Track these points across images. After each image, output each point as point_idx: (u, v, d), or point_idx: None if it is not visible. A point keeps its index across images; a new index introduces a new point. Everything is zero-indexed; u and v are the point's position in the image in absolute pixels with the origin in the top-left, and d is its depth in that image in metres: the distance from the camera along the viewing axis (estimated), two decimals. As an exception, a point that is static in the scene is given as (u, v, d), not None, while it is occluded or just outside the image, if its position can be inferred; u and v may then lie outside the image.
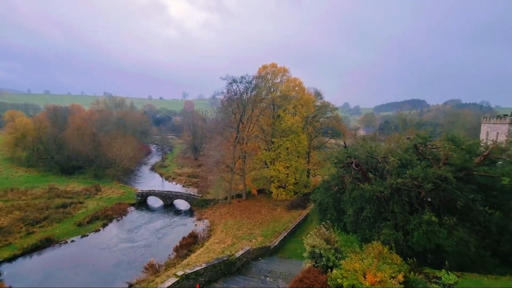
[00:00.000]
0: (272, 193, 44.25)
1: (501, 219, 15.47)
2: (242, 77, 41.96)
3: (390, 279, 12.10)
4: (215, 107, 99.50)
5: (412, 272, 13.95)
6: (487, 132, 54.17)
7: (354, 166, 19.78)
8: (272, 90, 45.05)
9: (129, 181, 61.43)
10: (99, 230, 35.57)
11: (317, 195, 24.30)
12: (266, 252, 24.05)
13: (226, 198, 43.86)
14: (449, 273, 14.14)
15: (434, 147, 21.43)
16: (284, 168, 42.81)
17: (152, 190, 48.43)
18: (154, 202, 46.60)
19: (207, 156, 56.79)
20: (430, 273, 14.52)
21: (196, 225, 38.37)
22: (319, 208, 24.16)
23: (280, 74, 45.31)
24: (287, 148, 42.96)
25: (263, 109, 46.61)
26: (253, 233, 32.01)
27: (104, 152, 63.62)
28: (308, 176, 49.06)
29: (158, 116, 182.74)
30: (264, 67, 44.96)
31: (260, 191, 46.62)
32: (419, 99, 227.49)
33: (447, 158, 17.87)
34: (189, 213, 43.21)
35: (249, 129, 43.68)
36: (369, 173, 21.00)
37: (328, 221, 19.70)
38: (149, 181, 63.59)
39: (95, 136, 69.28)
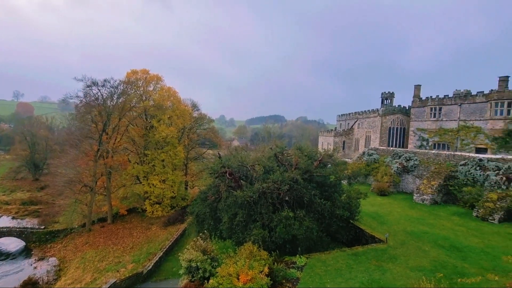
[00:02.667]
0: (147, 210, 40.08)
1: (330, 207, 20.80)
2: (105, 80, 36.23)
3: (259, 273, 13.62)
4: (67, 113, 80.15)
5: (275, 263, 16.28)
6: (322, 142, 72.29)
7: (228, 175, 21.16)
8: (144, 98, 41.39)
9: None
10: None
11: (194, 207, 24.11)
12: (137, 280, 21.34)
13: (84, 225, 35.78)
14: (301, 257, 17.54)
15: (288, 155, 26.29)
16: (160, 182, 39.89)
17: (-49, 231, 32.64)
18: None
19: (55, 174, 44.77)
20: (288, 260, 17.44)
21: (35, 267, 28.95)
22: (196, 219, 23.99)
23: (153, 82, 42.46)
24: (163, 160, 40.44)
25: (133, 119, 41.89)
26: (121, 261, 27.62)
27: None
28: (186, 189, 47.91)
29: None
30: (134, 72, 40.81)
31: (131, 211, 41.10)
32: (280, 114, 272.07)
33: (297, 163, 22.36)
34: (25, 253, 32.11)
35: (115, 140, 38.03)
36: (241, 181, 23.03)
37: (205, 231, 19.94)
38: None
39: None
